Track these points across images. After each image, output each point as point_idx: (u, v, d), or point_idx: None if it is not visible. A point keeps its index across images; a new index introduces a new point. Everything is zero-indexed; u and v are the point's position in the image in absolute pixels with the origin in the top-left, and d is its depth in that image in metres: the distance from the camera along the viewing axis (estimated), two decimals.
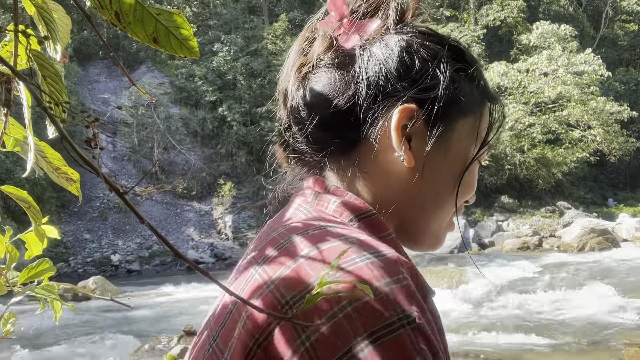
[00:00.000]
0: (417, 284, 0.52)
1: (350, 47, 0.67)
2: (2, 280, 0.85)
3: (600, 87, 22.72)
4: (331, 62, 0.67)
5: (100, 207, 19.00)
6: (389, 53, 0.65)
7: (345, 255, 0.51)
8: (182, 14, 0.44)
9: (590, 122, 21.54)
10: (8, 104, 0.47)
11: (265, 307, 0.50)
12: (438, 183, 0.67)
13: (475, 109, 0.68)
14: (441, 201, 0.68)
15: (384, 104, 0.65)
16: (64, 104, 0.50)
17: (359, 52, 0.67)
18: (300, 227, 0.58)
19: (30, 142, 0.51)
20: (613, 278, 9.22)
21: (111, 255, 17.22)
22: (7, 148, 0.69)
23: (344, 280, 0.48)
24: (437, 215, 0.69)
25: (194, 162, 21.45)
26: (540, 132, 21.48)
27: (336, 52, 0.67)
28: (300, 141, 0.70)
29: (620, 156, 22.31)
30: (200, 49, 0.48)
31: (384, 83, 0.65)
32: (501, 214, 19.79)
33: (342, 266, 0.50)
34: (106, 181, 0.38)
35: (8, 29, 0.51)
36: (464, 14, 27.89)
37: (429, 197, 0.67)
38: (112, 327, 8.12)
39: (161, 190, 20.08)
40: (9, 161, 15.25)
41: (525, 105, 21.81)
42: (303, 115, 0.69)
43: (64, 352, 6.82)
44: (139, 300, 10.36)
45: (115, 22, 0.43)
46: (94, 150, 0.40)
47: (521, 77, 21.77)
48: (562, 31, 22.81)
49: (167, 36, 0.44)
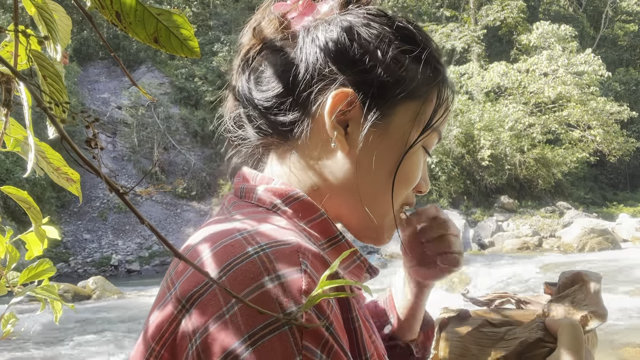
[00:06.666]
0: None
1: (296, 30, 0.65)
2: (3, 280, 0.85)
3: (600, 88, 22.72)
4: (275, 45, 0.65)
5: (100, 207, 18.99)
6: (329, 34, 0.62)
7: (234, 251, 0.49)
8: (183, 14, 0.44)
9: (590, 122, 21.55)
10: (8, 104, 0.47)
11: (163, 315, 0.50)
12: (376, 171, 0.63)
13: (421, 92, 0.64)
14: (380, 190, 0.64)
15: (319, 86, 0.62)
16: (64, 104, 0.50)
17: (302, 33, 0.64)
18: (207, 231, 0.56)
19: (30, 142, 0.51)
20: (613, 278, 9.22)
21: (111, 256, 17.21)
22: (8, 148, 0.69)
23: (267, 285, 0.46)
24: (376, 206, 0.64)
25: (194, 162, 21.43)
26: (540, 132, 21.48)
27: (281, 35, 0.65)
28: (244, 126, 0.68)
29: (620, 156, 22.33)
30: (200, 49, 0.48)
31: (321, 65, 0.62)
32: (501, 214, 19.77)
33: (232, 263, 0.48)
34: (106, 181, 0.38)
35: (8, 29, 0.51)
36: (464, 14, 27.89)
37: (366, 186, 0.63)
38: (112, 327, 8.11)
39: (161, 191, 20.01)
40: (9, 161, 15.24)
41: (525, 106, 21.82)
42: (245, 99, 0.67)
43: (64, 352, 6.82)
44: (139, 301, 10.35)
45: (116, 22, 0.43)
46: (94, 151, 0.40)
47: (521, 77, 21.78)
48: (562, 31, 22.81)
49: (167, 36, 0.44)
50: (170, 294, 0.51)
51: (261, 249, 0.49)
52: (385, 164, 0.63)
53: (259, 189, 0.62)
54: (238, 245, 0.50)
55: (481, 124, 20.74)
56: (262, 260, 0.47)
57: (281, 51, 0.65)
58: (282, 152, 0.66)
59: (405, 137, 0.63)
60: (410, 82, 0.63)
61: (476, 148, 20.65)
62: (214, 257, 0.50)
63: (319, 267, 0.50)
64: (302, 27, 0.65)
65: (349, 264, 0.62)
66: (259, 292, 0.45)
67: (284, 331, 0.44)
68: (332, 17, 0.64)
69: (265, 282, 0.46)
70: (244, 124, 0.69)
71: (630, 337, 6.23)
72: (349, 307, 0.53)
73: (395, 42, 0.63)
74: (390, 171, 0.63)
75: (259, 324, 0.44)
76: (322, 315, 0.47)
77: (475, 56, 25.55)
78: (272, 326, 0.44)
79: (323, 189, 0.64)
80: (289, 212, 0.59)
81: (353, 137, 0.62)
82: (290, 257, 0.48)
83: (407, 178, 0.65)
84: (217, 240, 0.52)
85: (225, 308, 0.45)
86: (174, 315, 0.49)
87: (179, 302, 0.49)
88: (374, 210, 0.64)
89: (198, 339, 0.45)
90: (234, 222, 0.55)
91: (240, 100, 0.68)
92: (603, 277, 0.75)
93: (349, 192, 0.64)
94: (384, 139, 0.63)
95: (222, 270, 0.48)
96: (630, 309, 7.36)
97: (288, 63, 0.64)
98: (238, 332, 0.44)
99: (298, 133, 0.64)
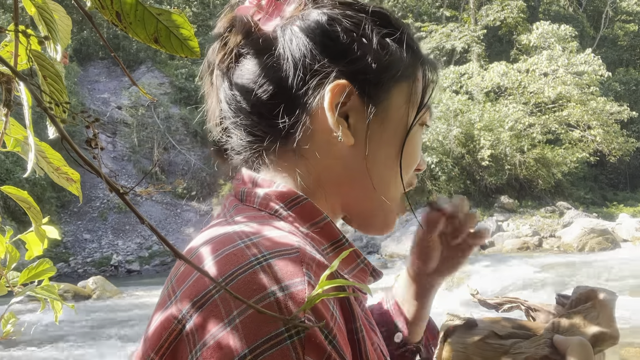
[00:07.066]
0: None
1: (271, 30, 0.64)
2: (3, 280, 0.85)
3: (600, 88, 22.72)
4: (253, 49, 0.64)
5: (100, 207, 18.99)
6: (311, 28, 0.62)
7: (236, 260, 0.48)
8: (183, 14, 0.44)
9: (590, 123, 21.54)
10: (8, 104, 0.47)
11: (163, 324, 0.48)
12: (383, 157, 0.64)
13: (408, 73, 0.65)
14: (389, 175, 0.65)
15: (314, 82, 0.61)
16: (64, 104, 0.50)
17: (280, 32, 0.63)
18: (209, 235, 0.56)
19: (30, 142, 0.51)
20: (613, 278, 9.22)
21: (111, 256, 17.21)
22: (8, 148, 0.69)
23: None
24: (387, 192, 0.65)
25: (194, 162, 21.43)
26: (540, 132, 21.47)
27: (257, 37, 0.64)
28: (234, 135, 0.66)
29: (620, 156, 22.32)
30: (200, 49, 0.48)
31: (310, 61, 0.61)
32: (501, 214, 19.76)
33: (235, 273, 0.47)
34: (106, 181, 0.38)
35: (8, 29, 0.51)
36: (464, 14, 27.89)
37: (376, 174, 0.64)
38: (112, 327, 8.11)
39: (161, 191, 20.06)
40: (9, 161, 15.24)
41: (525, 106, 21.81)
42: (233, 108, 0.65)
43: (64, 352, 6.82)
44: (138, 301, 10.35)
45: (116, 22, 0.43)
46: (94, 151, 0.40)
47: (521, 77, 21.78)
48: (562, 31, 22.81)
49: (168, 36, 0.44)
50: (171, 302, 0.50)
51: (264, 258, 0.48)
52: (391, 147, 0.64)
53: (260, 192, 0.61)
54: (240, 254, 0.49)
55: (481, 124, 20.74)
56: (265, 271, 0.47)
57: (262, 55, 0.63)
58: (282, 154, 0.64)
59: (404, 118, 0.65)
60: (399, 64, 0.64)
61: (476, 148, 20.65)
62: (215, 266, 0.49)
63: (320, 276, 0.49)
64: (278, 26, 0.64)
65: (353, 268, 0.61)
66: (262, 304, 0.45)
67: (285, 346, 0.43)
68: (306, 13, 0.63)
69: (268, 294, 0.45)
70: (232, 135, 0.67)
71: (631, 337, 6.23)
72: (353, 317, 0.52)
73: (375, 27, 0.63)
74: (397, 153, 0.65)
75: (260, 337, 0.43)
76: (326, 329, 0.46)
77: (475, 56, 25.55)
78: (274, 340, 0.43)
79: (328, 185, 0.64)
80: (291, 216, 0.58)
81: (356, 127, 0.63)
82: (293, 268, 0.47)
83: (412, 157, 0.67)
84: (219, 248, 0.51)
85: (227, 320, 0.45)
86: (174, 324, 0.48)
87: (180, 312, 0.48)
88: (386, 194, 0.65)
89: (199, 351, 0.45)
90: (236, 228, 0.54)
91: (230, 110, 0.66)
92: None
93: (358, 182, 0.64)
94: (385, 123, 0.64)
95: (223, 281, 0.47)
96: (631, 309, 7.36)
97: (273, 65, 0.62)
98: (239, 345, 0.43)
99: (297, 132, 0.63)
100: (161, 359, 0.47)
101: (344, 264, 0.60)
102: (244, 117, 0.65)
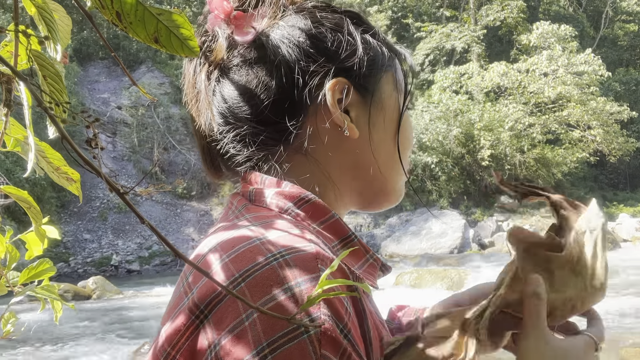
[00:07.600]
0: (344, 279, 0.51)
1: (252, 39, 0.65)
2: (3, 280, 0.85)
3: (600, 88, 22.71)
4: (242, 60, 0.65)
5: (100, 207, 18.99)
6: (299, 33, 0.65)
7: (252, 257, 0.49)
8: (183, 13, 0.44)
9: (590, 123, 21.55)
10: (8, 104, 0.47)
11: (180, 320, 0.49)
12: (386, 142, 0.69)
13: (390, 62, 0.70)
14: (393, 157, 0.70)
15: (313, 83, 0.64)
16: (64, 104, 0.50)
17: (265, 40, 0.65)
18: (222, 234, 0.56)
19: (30, 142, 0.51)
20: (613, 278, 9.22)
21: (111, 256, 17.21)
22: (8, 148, 0.69)
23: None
24: (395, 172, 0.71)
25: (194, 162, 21.43)
26: (540, 132, 21.47)
27: (242, 48, 0.65)
28: (233, 146, 0.67)
29: (620, 156, 22.32)
30: None
31: (305, 63, 0.64)
32: (501, 214, 19.77)
33: (251, 270, 0.48)
34: (107, 181, 0.38)
35: (8, 29, 0.51)
36: (464, 14, 27.89)
37: (383, 159, 0.69)
38: (112, 327, 8.11)
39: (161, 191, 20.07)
40: (9, 161, 15.24)
41: (525, 106, 21.81)
42: (231, 120, 0.66)
43: (64, 352, 6.82)
44: (138, 301, 10.35)
45: (117, 22, 0.43)
46: (94, 151, 0.40)
47: (521, 77, 21.77)
48: (562, 31, 22.80)
49: (168, 36, 0.44)
50: (187, 298, 0.51)
51: (280, 255, 0.49)
52: (390, 133, 0.70)
53: (269, 192, 0.62)
54: (257, 251, 0.50)
55: (481, 124, 20.74)
56: (282, 267, 0.48)
57: (252, 64, 0.65)
58: (288, 155, 0.66)
59: (397, 105, 0.71)
60: (381, 56, 0.69)
61: (476, 148, 20.65)
62: (232, 263, 0.50)
63: (337, 274, 0.51)
64: (260, 35, 0.65)
65: (363, 263, 0.63)
66: (278, 300, 0.46)
67: (302, 340, 0.44)
68: (288, 19, 0.66)
69: (285, 289, 0.46)
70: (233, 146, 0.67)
71: (631, 337, 6.23)
72: (364, 315, 0.54)
73: (352, 25, 0.68)
74: (395, 137, 0.70)
75: (278, 332, 0.44)
76: (341, 323, 0.47)
77: (475, 56, 25.54)
78: (291, 334, 0.44)
79: (340, 179, 0.67)
80: (301, 214, 0.60)
81: (359, 120, 0.66)
82: (309, 265, 0.49)
83: (409, 138, 0.73)
84: (235, 245, 0.52)
85: (244, 315, 0.46)
86: (191, 320, 0.49)
87: (197, 308, 0.49)
88: (396, 175, 0.71)
89: (217, 345, 0.46)
90: (249, 227, 0.55)
91: (228, 124, 0.66)
92: None
93: (369, 170, 0.68)
94: (382, 112, 0.69)
95: (240, 276, 0.48)
96: (631, 309, 7.36)
97: (267, 72, 0.64)
98: (257, 340, 0.44)
99: (303, 133, 0.65)
100: (177, 353, 0.49)
101: (354, 259, 0.61)
102: (247, 127, 0.66)
